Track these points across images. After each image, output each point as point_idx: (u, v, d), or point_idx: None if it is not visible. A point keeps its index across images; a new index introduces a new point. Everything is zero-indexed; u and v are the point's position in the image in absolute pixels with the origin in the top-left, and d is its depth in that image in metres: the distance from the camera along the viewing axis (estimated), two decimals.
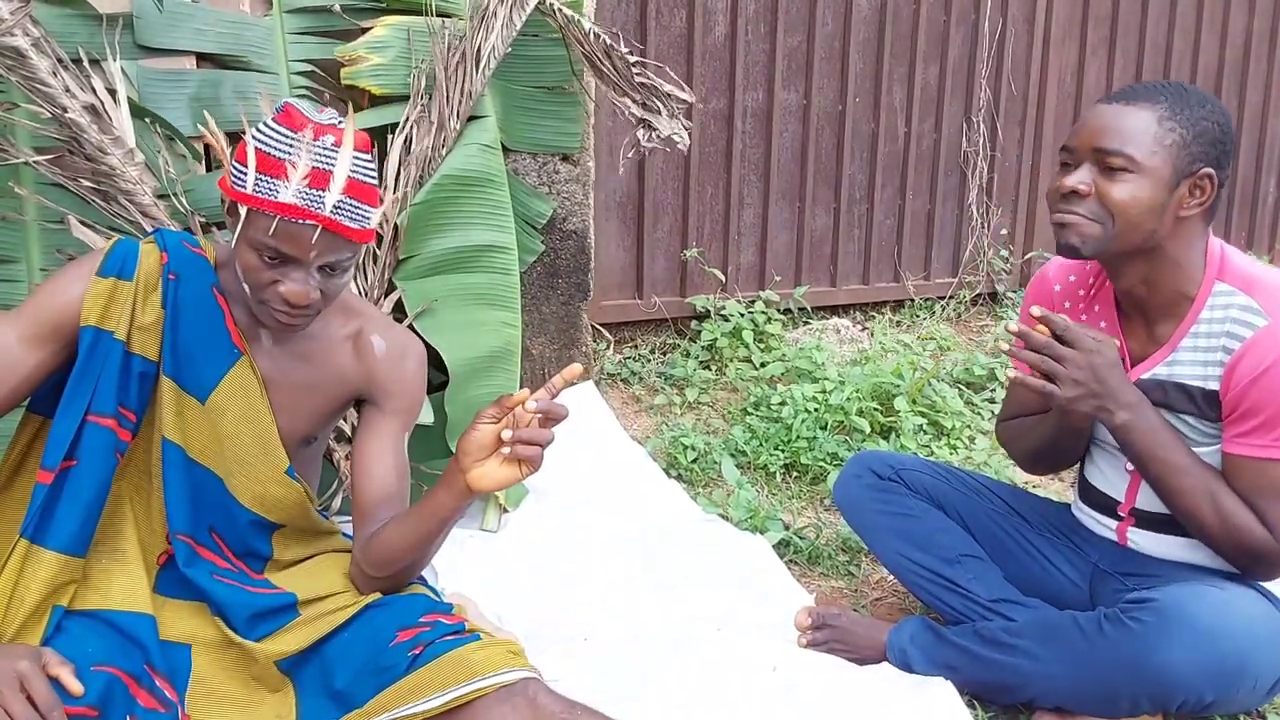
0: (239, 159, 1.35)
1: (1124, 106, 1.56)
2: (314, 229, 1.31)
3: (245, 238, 1.33)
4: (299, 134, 1.33)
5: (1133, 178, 1.53)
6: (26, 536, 1.34)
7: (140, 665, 1.31)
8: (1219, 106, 1.58)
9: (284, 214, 1.30)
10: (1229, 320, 1.55)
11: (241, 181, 1.33)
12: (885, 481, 1.91)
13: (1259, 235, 4.79)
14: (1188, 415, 1.60)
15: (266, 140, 1.33)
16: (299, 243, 1.32)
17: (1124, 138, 1.53)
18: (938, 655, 1.70)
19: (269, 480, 1.47)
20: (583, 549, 2.14)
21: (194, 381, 1.42)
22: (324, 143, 1.33)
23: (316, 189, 1.31)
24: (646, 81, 2.33)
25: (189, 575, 1.41)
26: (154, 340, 1.40)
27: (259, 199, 1.31)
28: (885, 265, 3.95)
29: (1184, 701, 1.51)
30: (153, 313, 1.40)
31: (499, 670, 1.29)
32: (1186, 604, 1.50)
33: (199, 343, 1.42)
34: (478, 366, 2.25)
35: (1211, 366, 1.57)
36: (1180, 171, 1.54)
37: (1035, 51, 4.03)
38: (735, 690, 1.64)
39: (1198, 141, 1.53)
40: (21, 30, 1.81)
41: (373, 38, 2.22)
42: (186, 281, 1.42)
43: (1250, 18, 4.48)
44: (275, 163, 1.31)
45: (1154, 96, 1.55)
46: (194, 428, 1.42)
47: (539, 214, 2.48)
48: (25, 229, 1.97)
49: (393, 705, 1.29)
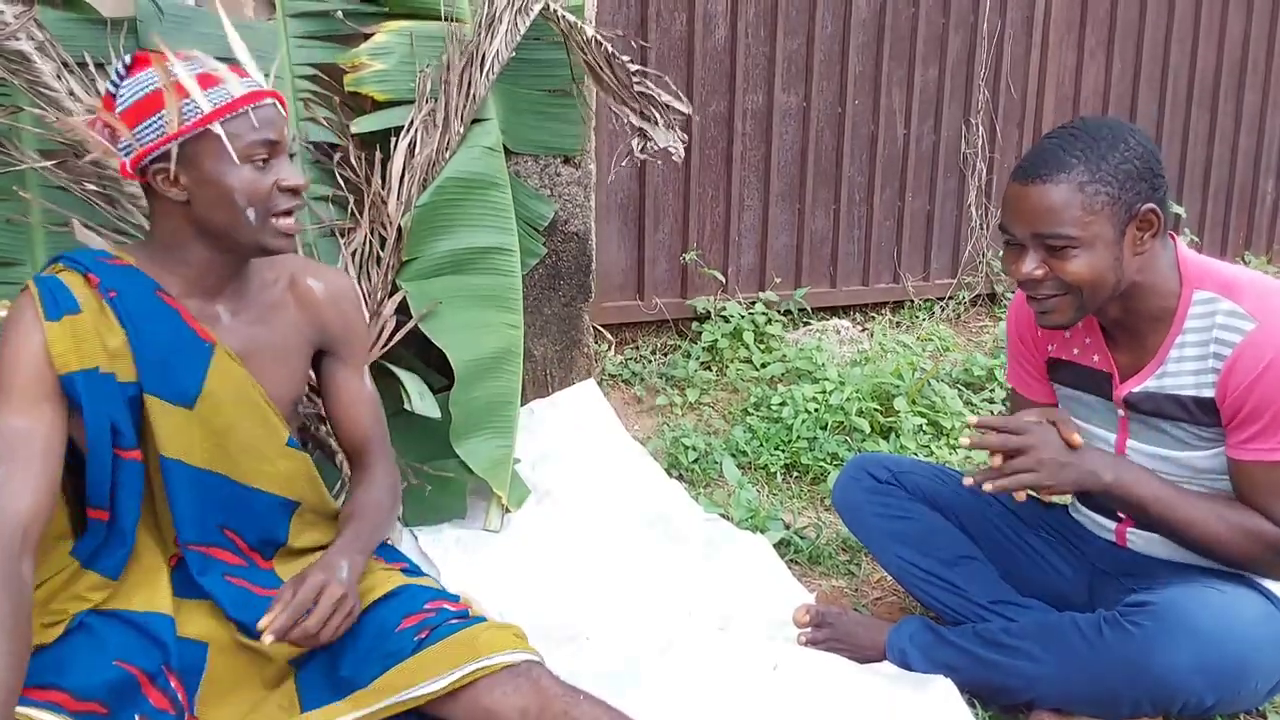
0: (151, 110, 1.34)
1: (1043, 185, 1.49)
2: (274, 105, 1.39)
3: (237, 154, 1.35)
4: (181, 60, 1.37)
5: (1080, 251, 1.50)
6: (80, 560, 1.36)
7: (158, 664, 1.32)
8: (1133, 137, 1.52)
9: (252, 101, 1.36)
10: (1215, 327, 1.54)
11: (192, 111, 1.34)
12: (883, 484, 1.91)
13: (1257, 236, 4.80)
14: (1182, 422, 1.60)
15: (180, 69, 1.35)
16: (276, 124, 1.39)
17: (1055, 219, 1.48)
18: (937, 655, 1.70)
19: (276, 456, 1.48)
20: (584, 549, 2.15)
21: (176, 391, 1.39)
22: (200, 54, 1.40)
23: (245, 77, 1.39)
24: (645, 91, 2.34)
25: (203, 583, 1.41)
26: (127, 362, 1.37)
27: (224, 106, 1.34)
28: (885, 266, 3.96)
29: (1185, 704, 1.51)
30: (116, 336, 1.36)
31: (504, 651, 1.30)
32: (1186, 607, 1.50)
33: (168, 351, 1.39)
34: (481, 367, 2.26)
35: (1204, 375, 1.56)
36: (1122, 222, 1.51)
37: (1034, 54, 4.04)
38: (736, 689, 1.65)
39: (1126, 189, 1.49)
40: (26, 34, 1.83)
41: (375, 43, 2.23)
42: (127, 295, 1.38)
43: (1248, 20, 4.49)
44: (206, 76, 1.36)
45: (1066, 163, 1.49)
46: (189, 436, 1.41)
47: (541, 216, 2.49)
48: (30, 232, 1.98)
49: (401, 686, 1.29)
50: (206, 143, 1.34)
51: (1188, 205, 4.56)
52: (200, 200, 1.37)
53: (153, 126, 1.34)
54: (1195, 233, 4.58)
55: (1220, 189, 4.66)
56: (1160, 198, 1.53)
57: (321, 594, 1.33)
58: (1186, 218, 4.55)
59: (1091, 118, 1.58)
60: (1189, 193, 4.57)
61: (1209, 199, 4.64)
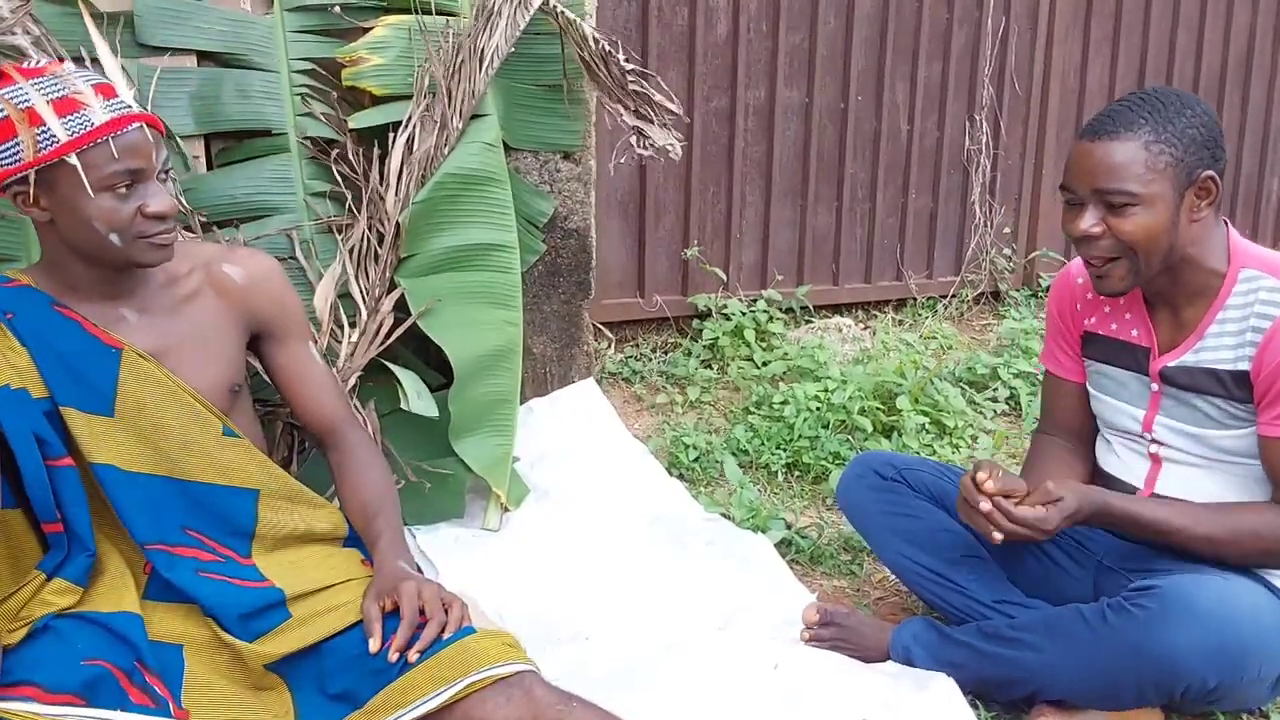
0: (9, 134, 1.30)
1: (1109, 142, 1.54)
2: (141, 129, 1.35)
3: (92, 185, 1.32)
4: (45, 76, 1.33)
5: (1139, 209, 1.54)
6: (46, 572, 1.35)
7: (131, 661, 1.30)
8: (1198, 105, 1.57)
9: (114, 129, 1.32)
10: (1257, 302, 1.57)
11: (48, 140, 1.30)
12: (888, 482, 1.91)
13: (1263, 232, 4.78)
14: (1215, 398, 1.62)
15: (32, 94, 1.31)
16: (141, 151, 1.35)
17: (1119, 175, 1.53)
18: (941, 653, 1.70)
19: (215, 448, 1.46)
20: (584, 548, 2.14)
21: (92, 400, 1.38)
22: (68, 70, 1.36)
23: (112, 99, 1.35)
24: (640, 90, 2.33)
25: (171, 579, 1.40)
26: (35, 378, 1.35)
27: (83, 136, 1.31)
28: (888, 264, 3.94)
29: (1188, 688, 1.51)
30: (19, 355, 1.35)
31: (495, 663, 1.29)
32: (1189, 589, 1.51)
33: (75, 361, 1.38)
34: (480, 365, 2.25)
35: (1242, 348, 1.58)
36: (1182, 185, 1.55)
37: (1038, 49, 4.02)
38: (737, 688, 1.64)
39: (1190, 152, 1.53)
40: (22, 28, 1.81)
41: (373, 38, 2.21)
42: (24, 315, 1.37)
43: (1254, 14, 4.46)
44: (66, 102, 1.32)
45: (1133, 122, 1.54)
46: (114, 442, 1.39)
47: (540, 212, 2.48)
48: (25, 227, 1.96)
49: (394, 706, 1.28)
50: (63, 171, 1.32)
51: None
52: (62, 222, 1.36)
53: (9, 151, 1.32)
54: None
55: (1226, 184, 4.55)
56: (1220, 169, 1.57)
57: (424, 601, 1.36)
58: None
59: (1162, 87, 1.64)
60: None
61: None
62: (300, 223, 2.16)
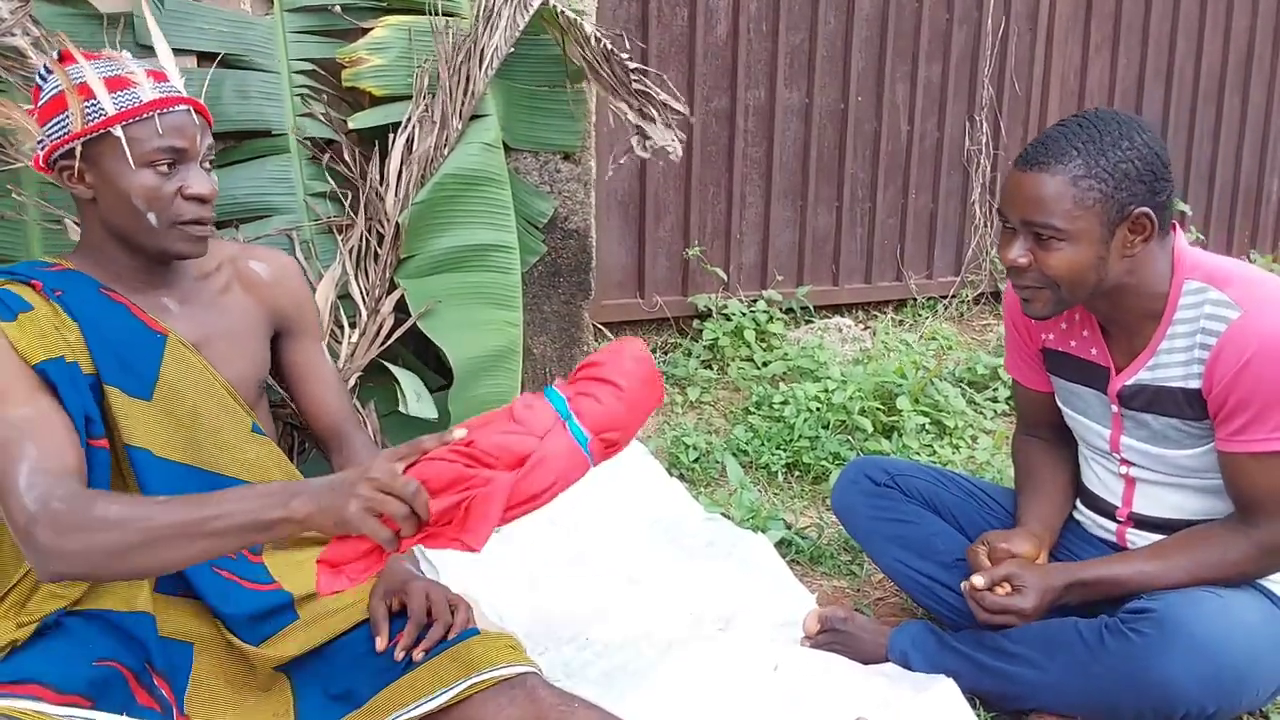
0: (60, 108, 1.36)
1: (1039, 174, 1.49)
2: (188, 112, 1.38)
3: (134, 159, 1.35)
4: (102, 60, 1.37)
5: (1065, 245, 1.50)
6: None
7: (141, 662, 1.30)
8: (1140, 135, 1.50)
9: (160, 107, 1.36)
10: (1203, 317, 1.53)
11: (96, 113, 1.34)
12: (881, 487, 1.91)
13: (1263, 234, 4.78)
14: (1174, 419, 1.59)
15: (87, 72, 1.35)
16: (185, 132, 1.38)
17: (1045, 209, 1.49)
18: (939, 660, 1.69)
19: (243, 443, 1.47)
20: (584, 548, 2.14)
21: (134, 383, 1.39)
22: (125, 56, 1.40)
23: (162, 82, 1.39)
24: (643, 89, 2.33)
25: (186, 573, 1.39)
26: (84, 354, 1.35)
27: (129, 110, 1.34)
28: (888, 264, 3.94)
29: (1186, 714, 1.50)
30: (71, 330, 1.35)
31: (498, 665, 1.29)
32: (1185, 615, 1.49)
33: (121, 344, 1.39)
34: (480, 366, 2.25)
35: (1191, 365, 1.55)
36: (1112, 222, 1.50)
37: (1038, 50, 4.02)
38: (737, 690, 1.64)
39: (1121, 188, 1.48)
40: (21, 30, 1.81)
41: (373, 38, 2.21)
42: (73, 293, 1.38)
43: (1254, 17, 4.46)
44: (117, 80, 1.36)
45: (1065, 154, 1.48)
46: (153, 427, 1.39)
47: (540, 213, 2.48)
48: (26, 229, 1.96)
49: (396, 705, 1.29)
50: (108, 144, 1.36)
51: (1193, 203, 4.54)
52: (104, 200, 1.39)
53: (59, 124, 1.37)
54: (1200, 230, 4.56)
55: (1226, 186, 4.64)
56: (1161, 201, 1.51)
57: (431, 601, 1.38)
58: (1191, 215, 4.53)
59: (1106, 111, 1.57)
60: (1194, 190, 4.55)
61: (1214, 196, 4.61)
62: (300, 223, 2.16)
